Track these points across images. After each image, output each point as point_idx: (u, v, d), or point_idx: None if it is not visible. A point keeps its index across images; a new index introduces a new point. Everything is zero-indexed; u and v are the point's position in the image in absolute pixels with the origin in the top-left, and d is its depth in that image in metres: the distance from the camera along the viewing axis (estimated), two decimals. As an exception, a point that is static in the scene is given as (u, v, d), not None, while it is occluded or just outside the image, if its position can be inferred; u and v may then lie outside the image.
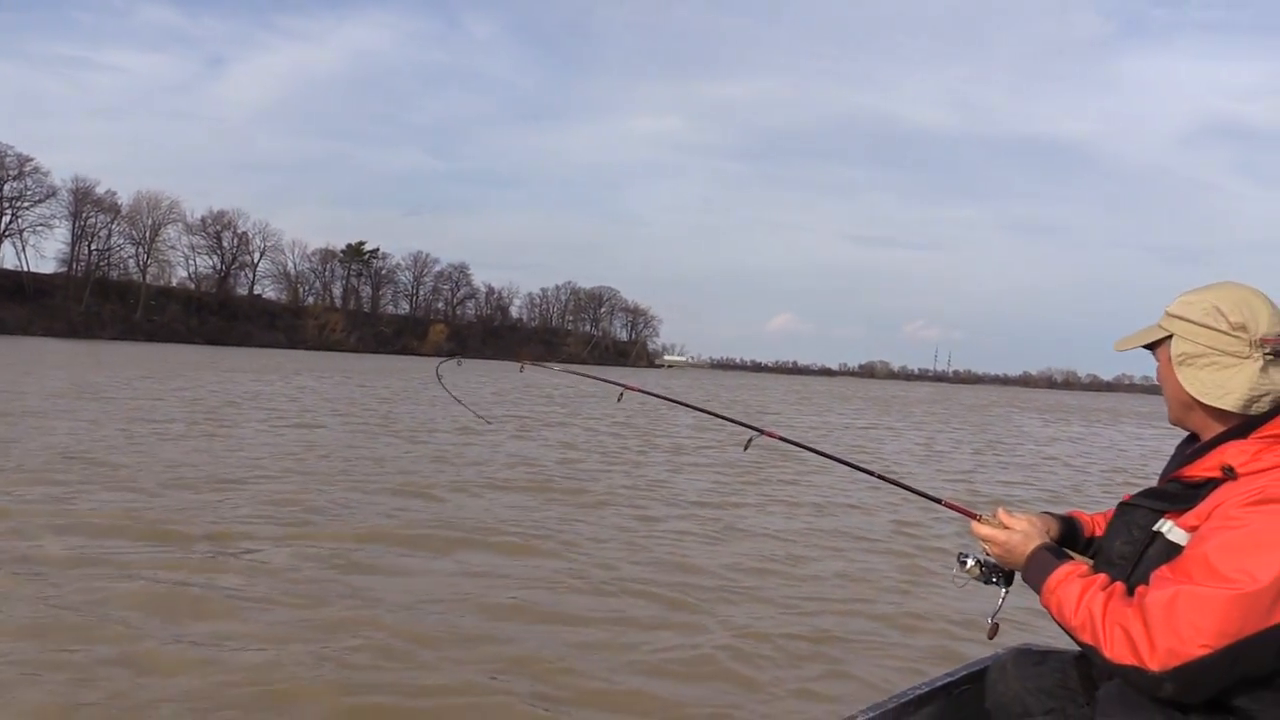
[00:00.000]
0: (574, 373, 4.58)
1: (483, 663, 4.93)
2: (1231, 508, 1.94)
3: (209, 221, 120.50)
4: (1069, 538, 2.48)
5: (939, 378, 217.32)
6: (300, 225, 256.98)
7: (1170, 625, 1.87)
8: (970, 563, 2.44)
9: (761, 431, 3.08)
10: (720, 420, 3.47)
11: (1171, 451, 2.36)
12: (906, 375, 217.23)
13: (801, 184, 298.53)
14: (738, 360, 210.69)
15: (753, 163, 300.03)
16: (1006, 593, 2.43)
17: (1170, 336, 2.19)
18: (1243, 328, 2.07)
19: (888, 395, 70.07)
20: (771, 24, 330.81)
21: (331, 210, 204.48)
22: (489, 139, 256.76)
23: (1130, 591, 2.02)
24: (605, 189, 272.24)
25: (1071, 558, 2.22)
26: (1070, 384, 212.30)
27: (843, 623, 6.00)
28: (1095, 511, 2.60)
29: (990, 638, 2.47)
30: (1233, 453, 2.04)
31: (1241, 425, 2.09)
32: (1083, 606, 2.03)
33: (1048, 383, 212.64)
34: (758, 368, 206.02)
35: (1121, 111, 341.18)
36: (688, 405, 3.59)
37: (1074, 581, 2.10)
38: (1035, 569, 2.22)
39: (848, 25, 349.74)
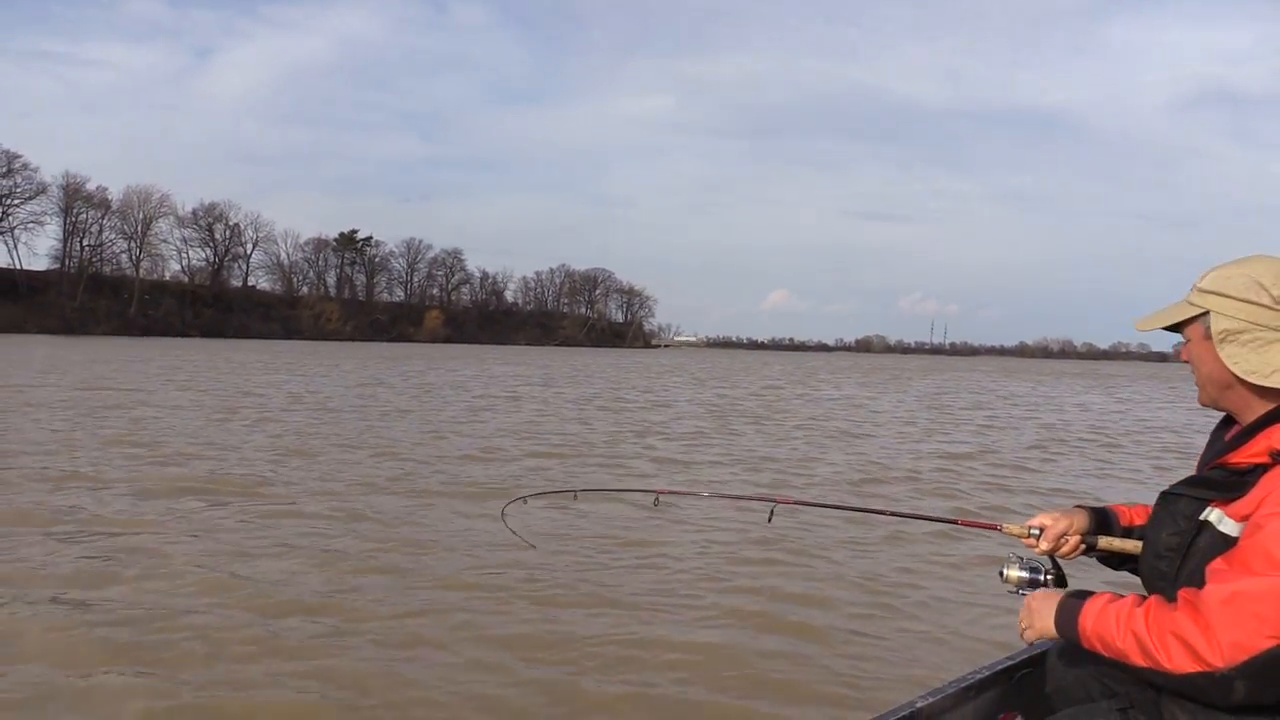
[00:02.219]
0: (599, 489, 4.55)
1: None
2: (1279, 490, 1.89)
3: (200, 214, 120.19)
4: (1102, 528, 2.44)
5: (935, 350, 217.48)
6: (292, 215, 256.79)
7: (1232, 619, 1.81)
8: (1010, 573, 2.44)
9: (779, 501, 3.12)
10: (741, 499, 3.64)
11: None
12: (903, 349, 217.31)
13: (794, 160, 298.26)
14: (734, 339, 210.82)
15: (745, 141, 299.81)
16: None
17: (1204, 314, 2.08)
18: None
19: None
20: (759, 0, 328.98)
21: (323, 199, 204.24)
22: (479, 123, 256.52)
23: (1176, 587, 1.98)
24: (597, 170, 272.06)
25: (1093, 594, 2.15)
26: (1066, 353, 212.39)
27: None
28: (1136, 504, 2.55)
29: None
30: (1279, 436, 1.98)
31: None
32: (1124, 630, 1.97)
33: (1044, 352, 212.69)
34: (755, 345, 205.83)
35: (1111, 79, 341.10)
36: (716, 495, 3.86)
37: (1106, 611, 2.04)
38: (1064, 621, 2.14)
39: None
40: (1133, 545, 2.34)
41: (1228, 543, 1.95)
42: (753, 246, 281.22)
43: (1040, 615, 2.21)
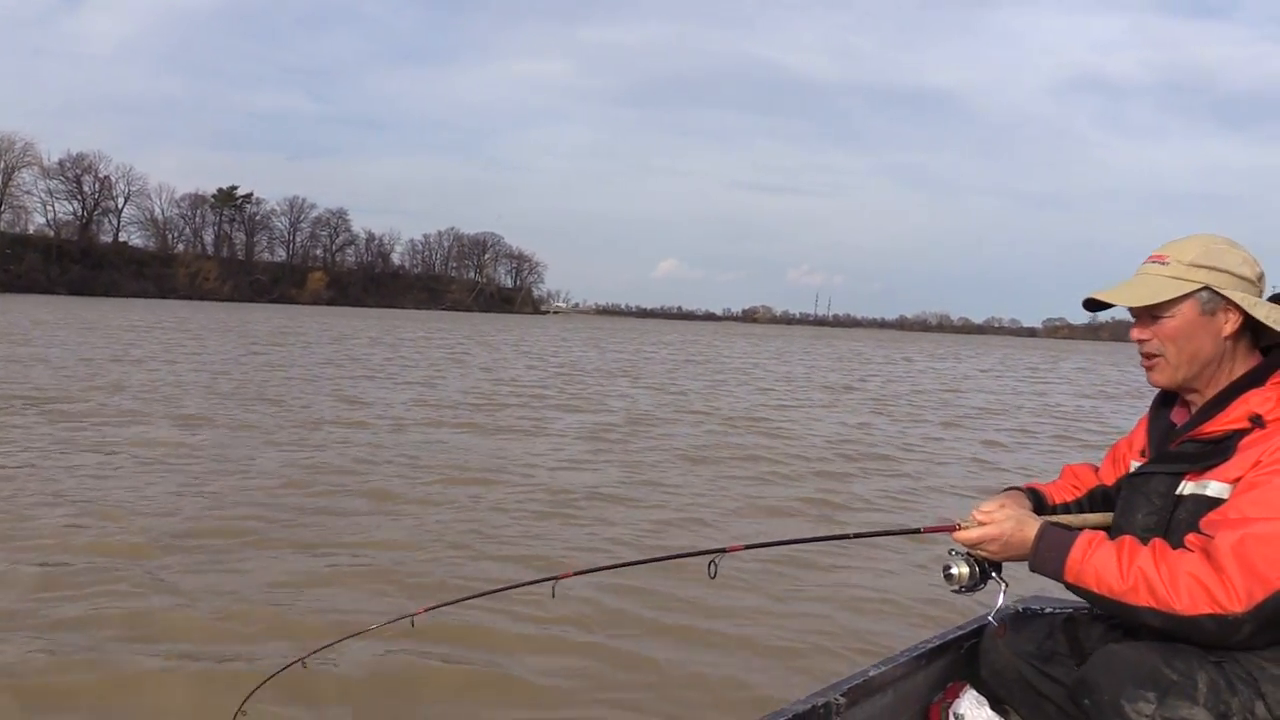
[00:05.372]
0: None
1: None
2: (1276, 449, 1.92)
3: (68, 165, 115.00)
4: (1038, 510, 2.37)
5: (819, 322, 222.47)
6: (168, 169, 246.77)
7: (1245, 565, 1.82)
8: (956, 571, 2.27)
9: (725, 550, 2.64)
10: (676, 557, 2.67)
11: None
12: (788, 319, 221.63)
13: (688, 130, 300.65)
14: (623, 306, 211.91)
15: (640, 109, 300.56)
16: (1007, 586, 2.26)
17: (1199, 289, 2.08)
18: (1261, 278, 2.11)
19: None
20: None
21: (202, 154, 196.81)
22: (369, 81, 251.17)
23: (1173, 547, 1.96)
24: (489, 133, 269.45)
25: (1080, 529, 2.12)
26: (944, 327, 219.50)
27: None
28: (1045, 482, 2.57)
29: (1001, 637, 2.43)
30: (1257, 401, 2.02)
31: (1256, 373, 2.09)
32: (1130, 569, 1.93)
33: (922, 326, 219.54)
34: (643, 313, 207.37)
35: (995, 62, 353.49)
36: (640, 562, 3.08)
37: (1104, 548, 1.99)
38: (1048, 551, 2.08)
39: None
40: (1098, 518, 2.31)
41: (1214, 505, 1.96)
42: (644, 215, 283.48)
43: (1014, 535, 2.15)
